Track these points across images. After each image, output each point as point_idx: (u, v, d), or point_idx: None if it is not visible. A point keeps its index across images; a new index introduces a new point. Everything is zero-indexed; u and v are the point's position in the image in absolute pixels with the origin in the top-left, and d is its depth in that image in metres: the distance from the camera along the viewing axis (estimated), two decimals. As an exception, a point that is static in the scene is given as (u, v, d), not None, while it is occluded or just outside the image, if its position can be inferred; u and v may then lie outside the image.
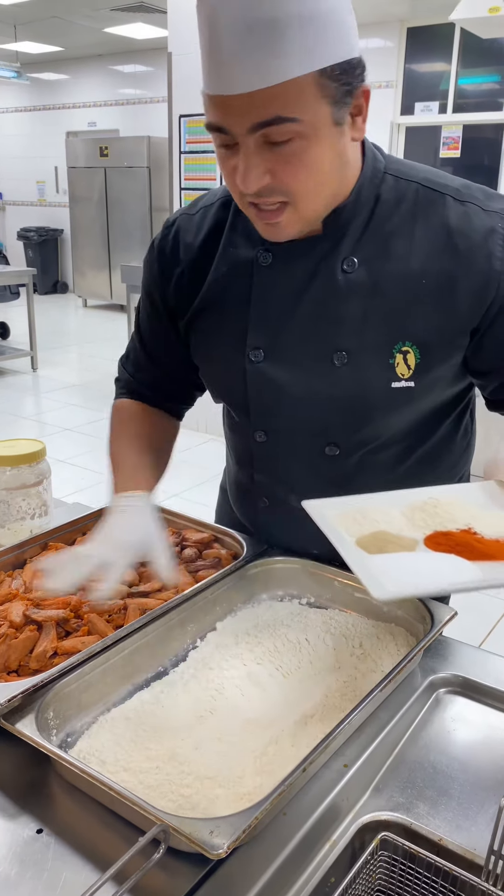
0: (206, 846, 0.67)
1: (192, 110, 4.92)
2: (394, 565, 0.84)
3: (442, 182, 1.05)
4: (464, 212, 1.02)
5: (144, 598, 1.11)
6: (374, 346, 1.04)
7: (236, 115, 0.88)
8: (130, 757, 0.85)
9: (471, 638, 1.83)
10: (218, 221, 1.15)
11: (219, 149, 0.96)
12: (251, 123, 0.88)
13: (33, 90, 11.79)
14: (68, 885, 0.71)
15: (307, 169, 0.93)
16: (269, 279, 1.09)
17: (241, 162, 0.91)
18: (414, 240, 1.03)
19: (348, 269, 1.04)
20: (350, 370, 1.05)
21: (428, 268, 1.02)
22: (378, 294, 1.03)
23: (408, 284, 1.02)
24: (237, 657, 1.02)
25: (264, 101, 0.86)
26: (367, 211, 1.04)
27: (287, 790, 0.73)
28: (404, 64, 7.82)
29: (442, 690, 1.00)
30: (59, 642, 0.99)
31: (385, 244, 1.04)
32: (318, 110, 0.89)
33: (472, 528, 0.90)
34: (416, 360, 1.04)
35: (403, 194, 1.04)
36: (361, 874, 0.76)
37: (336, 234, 1.04)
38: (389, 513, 0.95)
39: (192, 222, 1.18)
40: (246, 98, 0.86)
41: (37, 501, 1.35)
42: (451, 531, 0.90)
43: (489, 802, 0.81)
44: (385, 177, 1.05)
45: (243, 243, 1.12)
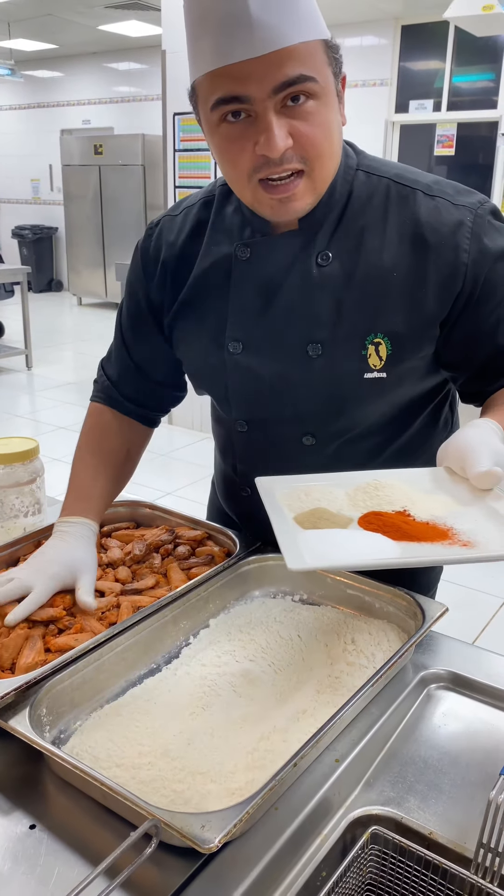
0: (198, 840, 0.68)
1: (186, 108, 4.91)
2: (318, 540, 0.85)
3: (412, 178, 1.08)
4: (434, 206, 1.05)
5: (137, 595, 1.11)
6: (347, 338, 1.07)
7: (258, 79, 0.91)
8: (123, 753, 0.85)
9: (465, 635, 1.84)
10: (200, 221, 1.18)
11: (227, 129, 0.96)
12: (275, 84, 0.91)
13: (27, 88, 11.76)
14: (61, 880, 0.71)
15: (322, 129, 0.97)
16: (247, 273, 1.11)
17: (264, 128, 0.93)
18: (385, 234, 1.06)
19: (322, 263, 1.07)
20: (324, 361, 1.08)
21: (398, 261, 1.05)
22: (351, 287, 1.06)
23: (379, 277, 1.05)
24: (230, 654, 1.03)
25: (287, 60, 0.91)
26: (340, 206, 1.07)
27: (278, 785, 0.74)
28: (398, 62, 7.83)
29: (433, 686, 1.00)
30: (52, 639, 0.99)
31: (358, 239, 1.07)
32: (327, 76, 0.96)
33: (406, 511, 0.92)
34: (387, 351, 1.07)
35: (375, 190, 1.08)
36: (352, 868, 0.76)
37: (311, 229, 1.07)
38: (334, 492, 0.97)
39: (175, 223, 1.20)
40: (269, 59, 0.90)
41: (30, 499, 1.35)
42: (384, 512, 0.92)
43: (479, 796, 0.81)
44: (357, 173, 1.09)
45: (224, 240, 1.14)
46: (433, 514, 0.91)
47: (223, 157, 1.01)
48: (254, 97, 0.92)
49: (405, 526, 0.88)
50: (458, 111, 7.63)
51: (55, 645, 0.98)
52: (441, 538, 0.86)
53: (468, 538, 0.85)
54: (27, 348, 7.12)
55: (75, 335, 8.91)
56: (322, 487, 0.99)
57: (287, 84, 0.91)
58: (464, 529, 0.87)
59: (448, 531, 0.87)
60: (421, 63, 7.80)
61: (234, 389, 1.16)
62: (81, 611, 1.05)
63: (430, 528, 0.88)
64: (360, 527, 0.89)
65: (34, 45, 10.40)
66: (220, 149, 1.00)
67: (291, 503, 0.96)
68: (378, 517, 0.91)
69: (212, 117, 0.97)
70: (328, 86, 0.96)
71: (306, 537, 0.86)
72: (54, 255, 11.82)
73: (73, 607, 1.06)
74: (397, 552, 0.83)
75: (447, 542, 0.85)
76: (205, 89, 0.96)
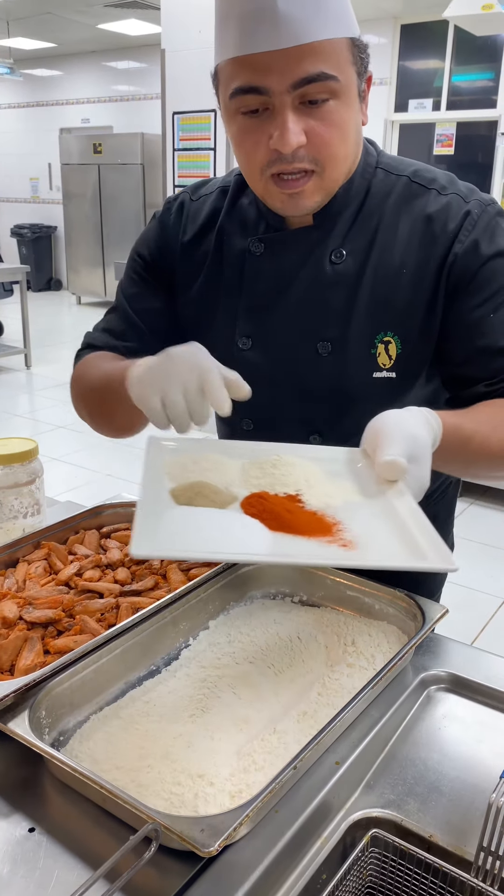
0: (198, 844, 0.67)
1: (185, 107, 4.91)
2: (180, 521, 0.77)
3: (429, 177, 1.08)
4: (446, 202, 1.05)
5: (137, 596, 1.11)
6: (357, 337, 1.07)
7: (278, 73, 0.90)
8: (123, 755, 0.85)
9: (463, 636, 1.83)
10: (214, 210, 1.17)
11: (243, 120, 0.96)
12: (295, 79, 0.90)
13: (26, 86, 11.75)
14: (60, 884, 0.71)
15: (339, 131, 0.96)
16: (260, 268, 1.11)
17: (279, 122, 0.92)
18: (398, 232, 1.06)
19: (336, 260, 1.06)
20: (333, 360, 1.08)
21: (407, 258, 1.05)
22: (363, 285, 1.06)
23: (390, 275, 1.05)
24: (230, 655, 1.03)
25: (309, 56, 0.90)
26: (357, 203, 1.07)
27: (278, 788, 0.74)
28: (398, 61, 7.82)
29: (433, 688, 1.00)
30: (52, 641, 0.99)
31: (372, 236, 1.06)
32: (350, 75, 0.94)
33: (299, 495, 0.84)
34: (397, 350, 1.06)
35: (392, 188, 1.07)
36: (352, 871, 0.76)
37: (326, 226, 1.06)
38: (227, 464, 0.90)
39: (193, 209, 1.19)
40: (291, 53, 0.89)
41: (29, 500, 1.34)
42: (271, 495, 0.84)
43: (479, 799, 0.81)
44: (376, 171, 1.09)
45: (237, 233, 1.14)
46: (327, 503, 0.82)
47: (238, 148, 1.00)
48: (272, 90, 0.91)
49: (287, 515, 0.80)
50: (457, 110, 7.62)
51: (54, 647, 0.98)
52: (323, 533, 0.78)
53: (353, 537, 0.77)
54: (26, 347, 7.12)
55: (74, 334, 8.90)
56: (216, 457, 0.91)
57: (307, 80, 0.90)
58: (352, 526, 0.79)
59: (333, 526, 0.79)
60: (420, 62, 7.80)
61: None
62: (80, 612, 1.05)
63: (315, 519, 0.80)
64: (242, 509, 0.81)
65: (33, 44, 10.39)
66: (235, 139, 1.00)
67: (176, 472, 0.87)
68: (261, 500, 0.82)
69: (230, 105, 0.96)
70: (350, 85, 0.95)
71: (172, 516, 0.78)
72: (53, 254, 11.82)
73: (72, 608, 1.06)
74: (266, 546, 0.75)
75: (327, 538, 0.77)
76: (226, 75, 0.95)
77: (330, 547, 0.76)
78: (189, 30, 4.70)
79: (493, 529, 3.89)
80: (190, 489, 0.84)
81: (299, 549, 0.76)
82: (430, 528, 0.77)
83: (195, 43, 4.70)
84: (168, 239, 1.20)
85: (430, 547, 0.74)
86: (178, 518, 0.78)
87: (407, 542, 0.76)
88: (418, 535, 0.76)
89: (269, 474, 0.88)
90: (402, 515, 0.80)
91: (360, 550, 0.76)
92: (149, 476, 0.84)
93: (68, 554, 1.22)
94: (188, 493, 0.83)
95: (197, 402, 0.85)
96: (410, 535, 0.77)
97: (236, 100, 0.94)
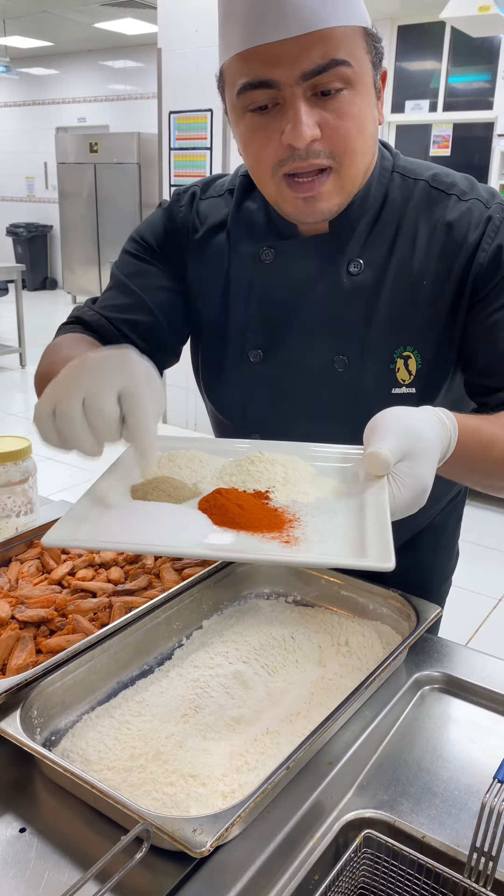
0: (189, 844, 0.67)
1: (181, 107, 4.91)
2: (119, 514, 0.74)
3: (449, 182, 1.03)
4: (467, 208, 1.00)
5: (130, 595, 1.10)
6: (375, 351, 1.02)
7: (288, 63, 0.85)
8: (115, 755, 0.84)
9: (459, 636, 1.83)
10: (223, 214, 1.12)
11: (252, 118, 0.91)
12: (305, 69, 0.86)
13: (22, 85, 11.73)
14: (51, 884, 0.71)
15: (356, 123, 0.90)
16: (270, 278, 1.05)
17: (291, 115, 0.87)
18: (416, 240, 1.01)
19: (354, 272, 1.01)
20: (351, 375, 1.02)
21: (427, 268, 1.00)
22: (381, 297, 1.01)
23: (409, 286, 1.00)
24: (223, 655, 1.02)
25: (320, 44, 0.85)
26: (374, 210, 1.02)
27: (271, 788, 0.73)
28: (395, 62, 7.83)
29: (427, 688, 1.00)
30: (44, 641, 0.99)
31: (390, 245, 1.01)
32: (364, 64, 0.90)
33: (268, 492, 0.81)
34: (416, 365, 1.01)
35: (411, 194, 1.02)
36: (345, 871, 0.76)
37: (342, 234, 1.01)
38: (205, 461, 0.86)
39: (202, 207, 1.14)
40: (301, 41, 0.84)
41: (22, 499, 1.34)
42: (226, 490, 0.80)
43: (473, 799, 0.81)
44: (393, 175, 1.04)
45: (245, 238, 1.08)
46: (295, 500, 0.79)
47: (247, 149, 0.94)
48: (282, 82, 0.86)
49: (236, 510, 0.76)
50: (453, 112, 7.63)
51: (47, 646, 0.97)
52: (271, 529, 0.74)
53: (301, 535, 0.73)
54: (21, 347, 7.11)
55: (70, 333, 8.87)
56: (194, 454, 0.87)
57: (318, 70, 0.85)
58: (309, 524, 0.75)
59: (286, 524, 0.76)
60: (417, 63, 7.80)
61: (252, 401, 1.09)
62: (73, 611, 1.04)
63: (270, 515, 0.76)
64: (198, 504, 0.78)
65: (30, 43, 10.38)
66: (244, 139, 0.94)
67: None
68: (216, 496, 0.78)
69: (238, 104, 0.91)
70: (365, 75, 0.90)
71: (114, 509, 0.74)
72: (49, 253, 11.80)
73: (65, 608, 1.05)
74: (199, 539, 0.71)
75: (274, 534, 0.73)
76: (232, 73, 0.90)
77: (268, 543, 0.72)
78: (186, 29, 4.70)
79: (488, 530, 3.89)
80: (149, 484, 0.81)
81: (236, 543, 0.72)
82: (384, 525, 0.72)
83: (192, 42, 4.69)
84: (177, 231, 1.14)
85: (373, 545, 0.70)
86: (117, 512, 0.75)
87: (354, 540, 0.72)
88: (369, 533, 0.72)
89: (244, 471, 0.85)
90: (365, 513, 0.76)
91: (300, 547, 0.72)
92: (113, 469, 0.80)
93: (61, 553, 1.22)
94: (146, 487, 0.80)
95: (98, 414, 0.71)
96: (362, 532, 0.73)
97: (244, 97, 0.89)
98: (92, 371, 0.73)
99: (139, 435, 0.73)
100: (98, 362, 0.74)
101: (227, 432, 1.22)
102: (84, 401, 0.71)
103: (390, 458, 0.76)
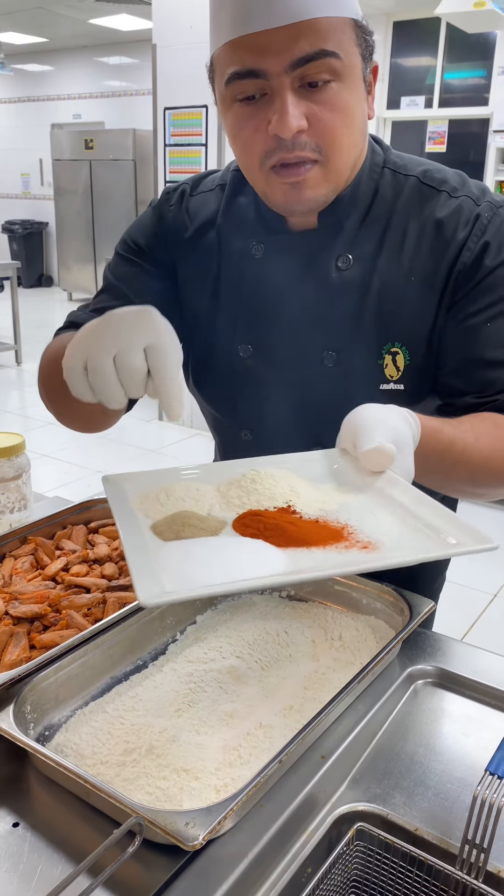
0: (182, 838, 0.67)
1: (176, 103, 4.90)
2: (182, 555, 0.70)
3: (440, 178, 1.03)
4: (456, 206, 1.00)
5: (124, 591, 1.10)
6: (363, 347, 1.02)
7: (276, 53, 0.85)
8: (108, 750, 0.85)
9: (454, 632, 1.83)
10: (214, 209, 1.12)
11: (240, 108, 0.91)
12: (293, 58, 0.85)
13: (17, 81, 11.70)
14: (44, 878, 0.71)
15: (343, 116, 0.90)
16: (260, 272, 1.06)
17: (279, 106, 0.87)
18: (406, 236, 1.01)
19: (343, 267, 1.01)
20: (339, 371, 1.03)
21: (415, 265, 1.00)
22: (370, 293, 1.01)
23: (398, 283, 1.00)
24: (216, 650, 1.02)
25: (308, 34, 0.85)
26: (364, 205, 1.02)
27: (264, 782, 0.74)
28: (390, 58, 7.82)
29: (420, 682, 1.00)
30: (38, 636, 0.99)
31: (379, 241, 1.01)
32: (353, 56, 0.90)
33: (291, 506, 0.79)
34: (405, 361, 1.02)
35: (401, 189, 1.02)
36: (337, 864, 0.76)
37: (331, 229, 1.02)
38: (201, 489, 0.84)
39: (193, 204, 1.14)
40: (289, 31, 0.84)
41: (16, 495, 1.34)
42: (264, 510, 0.78)
43: (465, 793, 0.81)
44: (384, 171, 1.04)
45: (236, 233, 1.09)
46: (322, 509, 0.78)
47: (235, 140, 0.95)
48: (270, 72, 0.86)
49: (290, 527, 0.74)
50: (449, 108, 7.63)
51: (40, 642, 0.97)
52: (336, 540, 0.73)
53: (368, 537, 0.72)
54: (17, 344, 7.09)
55: (65, 331, 8.85)
56: (186, 485, 0.84)
57: (305, 59, 0.85)
58: (360, 526, 0.74)
59: (342, 530, 0.75)
60: (412, 59, 7.80)
61: (243, 395, 1.10)
62: (66, 606, 1.04)
63: (320, 527, 0.75)
64: (236, 531, 0.75)
65: (24, 39, 10.34)
66: (232, 129, 0.94)
67: (148, 507, 0.80)
68: (257, 518, 0.77)
69: (226, 93, 0.91)
70: (354, 67, 0.90)
71: (167, 552, 0.70)
72: (44, 250, 11.77)
73: (58, 603, 1.05)
74: (284, 564, 0.68)
75: (344, 543, 0.72)
76: (221, 62, 0.90)
77: (351, 552, 0.70)
78: (180, 25, 4.69)
79: (482, 526, 3.89)
80: (172, 522, 0.77)
81: (320, 561, 0.69)
82: (444, 510, 0.72)
83: (186, 38, 4.68)
84: (167, 231, 1.14)
85: (457, 529, 0.69)
86: (175, 554, 0.71)
87: (428, 531, 0.71)
88: (437, 521, 0.72)
89: (252, 491, 0.83)
90: (406, 504, 0.75)
91: (383, 550, 0.70)
92: (122, 519, 0.76)
93: (55, 549, 1.22)
94: (172, 526, 0.77)
95: (130, 371, 0.74)
96: (428, 522, 0.72)
97: (232, 86, 0.90)
98: (120, 327, 0.75)
99: (168, 388, 0.76)
100: (124, 319, 0.75)
101: (221, 427, 1.22)
102: (115, 357, 0.74)
103: (395, 451, 0.78)
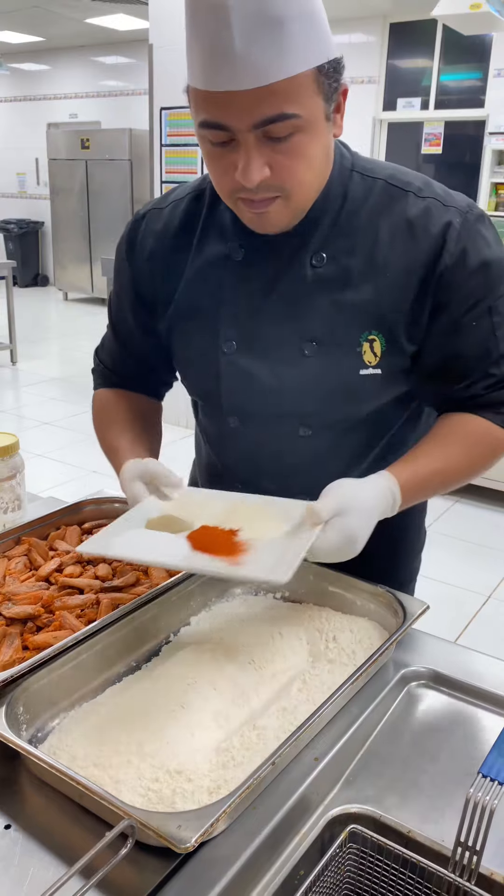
0: (174, 840, 0.67)
1: (173, 103, 4.89)
2: (130, 537, 0.97)
3: (405, 180, 1.09)
4: (425, 207, 1.06)
5: (118, 592, 1.10)
6: (342, 336, 1.08)
7: (239, 112, 0.89)
8: (101, 752, 0.84)
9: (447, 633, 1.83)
10: (190, 215, 1.17)
11: (211, 147, 0.96)
12: (255, 120, 0.90)
13: (13, 81, 11.66)
14: (36, 881, 0.71)
15: (304, 163, 0.96)
16: (241, 274, 1.12)
17: (243, 157, 0.93)
18: (379, 234, 1.06)
19: (317, 264, 1.07)
20: (319, 359, 1.09)
21: (390, 261, 1.06)
22: (346, 287, 1.07)
23: (372, 277, 1.06)
24: (210, 651, 1.02)
25: (270, 98, 0.88)
26: (335, 208, 1.08)
27: (256, 783, 0.74)
28: (386, 59, 7.83)
29: (414, 684, 1.00)
30: (31, 637, 0.98)
31: (352, 239, 1.07)
32: (314, 106, 0.93)
33: (238, 530, 0.98)
34: (381, 347, 1.08)
35: (370, 191, 1.08)
36: (330, 866, 0.76)
37: (305, 231, 1.07)
38: (213, 504, 1.06)
39: (162, 216, 1.19)
40: (252, 94, 0.87)
41: (10, 496, 1.34)
42: (212, 527, 1.00)
43: (458, 795, 0.81)
44: (352, 174, 1.09)
45: (216, 238, 1.14)
46: (255, 536, 0.96)
47: (209, 169, 1.01)
48: (234, 128, 0.91)
49: (206, 538, 0.96)
50: (445, 109, 7.64)
51: (33, 643, 0.97)
52: (228, 554, 0.93)
53: (248, 559, 0.91)
54: (12, 343, 7.07)
55: (61, 330, 8.84)
56: (210, 500, 1.07)
57: (268, 121, 0.90)
58: (256, 552, 0.92)
59: (241, 553, 0.93)
60: (409, 61, 7.81)
61: (228, 388, 1.16)
62: (60, 607, 1.04)
63: (229, 543, 0.95)
64: (189, 536, 0.97)
65: (21, 38, 10.31)
66: (206, 161, 1.01)
67: (175, 507, 1.04)
68: (202, 531, 0.98)
69: (199, 131, 0.97)
70: (315, 117, 0.93)
71: (129, 533, 0.97)
72: (40, 249, 11.74)
73: (52, 604, 1.05)
74: (176, 558, 0.94)
75: (228, 558, 0.92)
76: (194, 101, 0.95)
77: (219, 562, 0.91)
78: (177, 25, 4.66)
79: (476, 527, 3.90)
80: (161, 519, 1.01)
81: (198, 561, 0.92)
82: (296, 554, 0.89)
83: (183, 39, 4.67)
84: (134, 257, 1.20)
85: (280, 565, 0.88)
86: (132, 535, 0.97)
87: (273, 563, 0.89)
88: (286, 557, 0.89)
89: (229, 515, 1.02)
90: (291, 545, 0.93)
91: (238, 567, 0.90)
92: (141, 506, 1.03)
93: (49, 550, 1.22)
94: (159, 521, 1.01)
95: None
96: (283, 557, 0.90)
97: (203, 130, 0.95)
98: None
99: None
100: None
101: (209, 414, 1.28)
102: None
103: (322, 512, 0.93)
